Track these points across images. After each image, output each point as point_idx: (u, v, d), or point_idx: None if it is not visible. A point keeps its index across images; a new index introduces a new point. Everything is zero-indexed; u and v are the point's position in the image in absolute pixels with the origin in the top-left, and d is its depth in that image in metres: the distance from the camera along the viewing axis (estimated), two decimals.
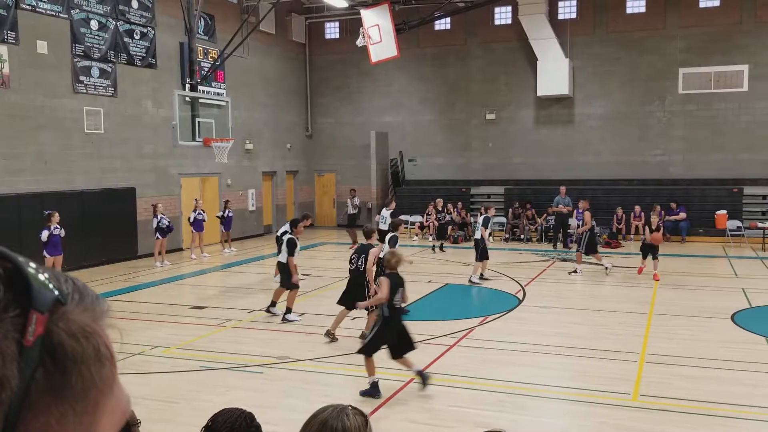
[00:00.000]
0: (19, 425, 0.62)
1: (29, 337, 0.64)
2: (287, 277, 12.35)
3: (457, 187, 26.77)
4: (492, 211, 16.96)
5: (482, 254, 15.81)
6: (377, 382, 8.30)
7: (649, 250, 16.20)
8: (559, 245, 22.46)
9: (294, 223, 13.01)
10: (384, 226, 18.90)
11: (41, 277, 0.67)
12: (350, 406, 1.88)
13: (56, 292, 0.68)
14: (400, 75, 28.11)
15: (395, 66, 26.56)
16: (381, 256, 10.84)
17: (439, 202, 23.58)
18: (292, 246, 12.24)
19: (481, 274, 16.01)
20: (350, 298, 10.60)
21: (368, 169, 27.78)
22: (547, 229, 23.76)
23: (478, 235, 15.99)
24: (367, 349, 8.33)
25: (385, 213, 18.82)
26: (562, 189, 22.75)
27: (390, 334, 8.36)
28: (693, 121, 24.81)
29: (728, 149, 24.35)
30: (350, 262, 10.98)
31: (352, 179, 29.21)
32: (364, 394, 8.24)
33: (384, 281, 8.51)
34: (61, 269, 15.82)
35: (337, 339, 10.73)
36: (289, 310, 12.24)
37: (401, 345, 8.41)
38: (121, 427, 0.76)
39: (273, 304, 12.69)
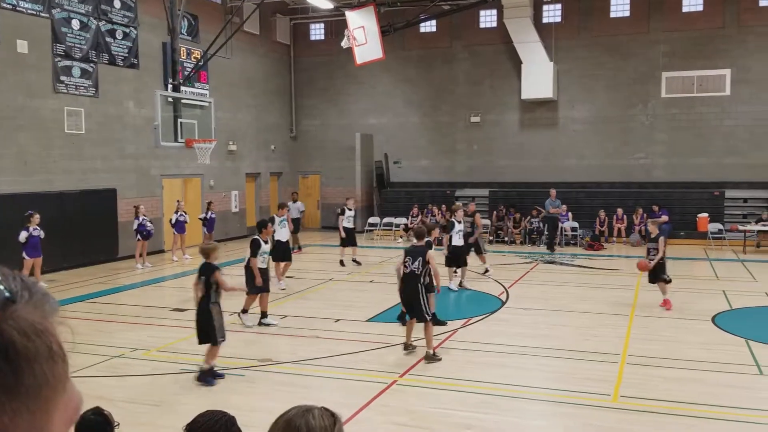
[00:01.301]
0: None
1: None
2: (251, 281, 11.77)
3: (441, 189, 26.78)
4: (459, 214, 15.40)
5: (446, 260, 15.18)
6: (213, 368, 8.93)
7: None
8: (539, 246, 22.50)
9: (262, 225, 12.38)
10: (348, 224, 18.83)
11: None
12: (321, 407, 1.84)
13: (6, 292, 0.68)
14: (385, 77, 28.11)
15: (380, 68, 26.54)
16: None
17: (472, 206, 22.44)
18: (255, 247, 11.83)
19: (460, 282, 15.37)
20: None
21: (353, 171, 27.74)
22: (530, 231, 23.82)
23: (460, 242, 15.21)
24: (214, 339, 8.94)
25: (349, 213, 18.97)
26: (553, 192, 22.64)
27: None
28: (676, 125, 24.98)
29: (710, 153, 24.53)
30: (404, 266, 10.08)
31: (337, 181, 29.18)
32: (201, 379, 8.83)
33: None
34: (41, 271, 15.65)
35: (415, 347, 10.13)
36: (265, 314, 11.95)
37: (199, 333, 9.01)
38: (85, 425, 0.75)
39: (263, 314, 12.01)
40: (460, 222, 15.26)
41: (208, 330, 8.88)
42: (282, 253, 15.55)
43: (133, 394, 8.38)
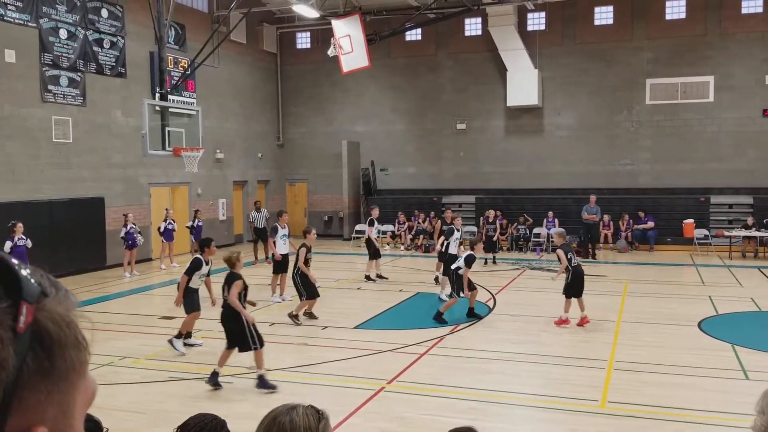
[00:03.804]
0: (14, 400, 0.71)
1: (21, 325, 0.72)
2: (188, 300, 11.01)
3: (428, 196, 26.87)
4: (458, 222, 15.45)
5: (445, 268, 14.88)
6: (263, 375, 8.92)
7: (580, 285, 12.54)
8: (525, 253, 22.59)
9: (205, 244, 11.32)
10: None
11: (23, 272, 0.75)
12: (308, 405, 1.90)
13: (39, 286, 0.76)
14: (371, 85, 28.20)
15: (367, 76, 26.64)
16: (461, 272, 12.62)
17: (490, 213, 21.95)
18: (193, 266, 11.01)
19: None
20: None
21: (340, 179, 27.79)
22: (517, 238, 23.93)
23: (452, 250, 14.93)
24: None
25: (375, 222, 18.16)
26: (592, 198, 22.40)
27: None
28: (660, 131, 25.20)
29: (695, 159, 24.75)
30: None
31: (324, 188, 29.22)
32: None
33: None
34: None
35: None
36: (180, 335, 10.93)
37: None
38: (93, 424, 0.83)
39: (188, 335, 11.14)
40: (458, 230, 15.10)
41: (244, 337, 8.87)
42: (283, 265, 14.81)
43: (122, 402, 8.37)
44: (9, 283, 0.74)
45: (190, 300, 11.06)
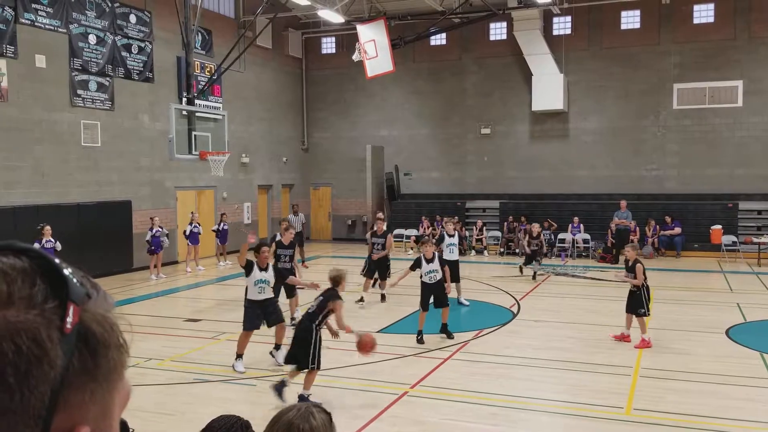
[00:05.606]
0: (60, 399, 0.72)
1: (68, 326, 0.74)
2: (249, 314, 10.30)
3: (452, 201, 26.83)
4: (449, 227, 14.78)
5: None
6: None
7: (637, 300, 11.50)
8: (550, 258, 22.45)
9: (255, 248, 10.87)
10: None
11: (66, 272, 0.77)
12: (313, 405, 1.91)
13: (82, 287, 0.78)
14: (395, 89, 28.24)
15: (391, 80, 26.69)
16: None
17: (536, 227, 19.09)
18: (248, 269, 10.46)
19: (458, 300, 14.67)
20: None
21: (364, 183, 27.85)
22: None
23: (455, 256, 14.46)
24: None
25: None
26: (623, 203, 22.27)
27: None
28: (688, 136, 24.93)
29: (723, 164, 24.44)
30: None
31: (348, 193, 29.30)
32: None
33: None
34: None
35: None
36: (239, 356, 10.16)
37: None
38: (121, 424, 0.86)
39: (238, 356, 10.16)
40: (452, 235, 14.55)
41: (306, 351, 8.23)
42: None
43: (147, 404, 8.45)
44: (55, 284, 0.75)
45: (246, 314, 10.28)
